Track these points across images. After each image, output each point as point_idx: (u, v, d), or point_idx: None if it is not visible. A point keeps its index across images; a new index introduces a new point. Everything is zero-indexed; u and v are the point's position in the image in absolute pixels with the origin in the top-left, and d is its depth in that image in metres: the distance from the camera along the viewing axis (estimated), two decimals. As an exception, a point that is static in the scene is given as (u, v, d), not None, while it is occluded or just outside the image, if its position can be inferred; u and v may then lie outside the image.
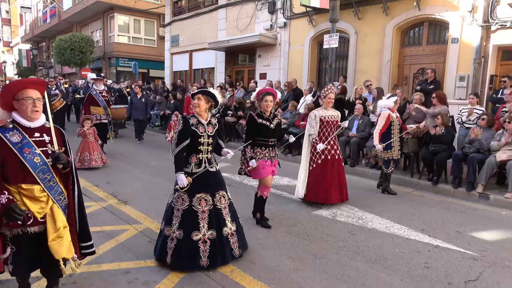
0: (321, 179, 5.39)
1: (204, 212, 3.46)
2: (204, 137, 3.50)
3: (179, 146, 3.44)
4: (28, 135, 2.49)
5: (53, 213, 2.55)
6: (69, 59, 20.67)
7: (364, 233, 4.55)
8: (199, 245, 3.42)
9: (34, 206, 2.48)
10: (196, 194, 3.47)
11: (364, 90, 9.35)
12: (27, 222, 2.47)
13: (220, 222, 3.53)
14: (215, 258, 3.45)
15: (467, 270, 3.65)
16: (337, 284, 3.32)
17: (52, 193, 2.54)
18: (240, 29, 13.99)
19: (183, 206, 3.45)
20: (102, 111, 8.84)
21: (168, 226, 3.50)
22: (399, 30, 10.01)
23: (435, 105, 7.37)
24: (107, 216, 4.87)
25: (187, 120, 3.49)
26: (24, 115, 2.50)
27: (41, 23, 30.66)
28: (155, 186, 6.43)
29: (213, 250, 3.45)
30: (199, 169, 3.51)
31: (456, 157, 6.32)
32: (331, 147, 5.47)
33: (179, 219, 3.44)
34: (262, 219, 4.69)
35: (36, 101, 2.51)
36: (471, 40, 8.49)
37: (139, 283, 3.24)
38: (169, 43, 18.11)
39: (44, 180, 2.50)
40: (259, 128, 4.41)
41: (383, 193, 6.34)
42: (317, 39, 11.88)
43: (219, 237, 3.50)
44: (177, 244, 3.41)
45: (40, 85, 2.62)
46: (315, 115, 5.43)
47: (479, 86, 8.43)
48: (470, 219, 5.16)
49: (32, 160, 2.45)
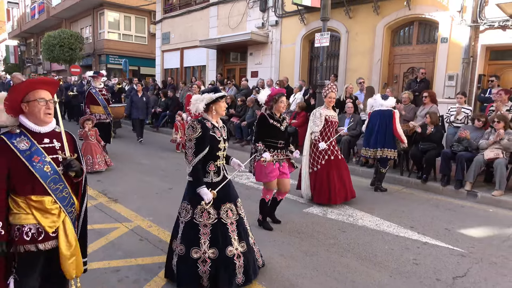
0: (326, 181, 5.34)
1: (232, 224, 3.12)
2: (221, 142, 3.15)
3: (199, 155, 2.99)
4: (36, 141, 2.24)
5: (65, 227, 2.30)
6: (58, 56, 20.40)
7: (354, 231, 4.59)
8: (235, 261, 3.04)
9: (45, 220, 2.22)
10: (221, 205, 3.09)
11: (356, 89, 9.41)
12: (38, 238, 2.20)
13: (245, 232, 3.23)
14: (249, 272, 3.13)
15: (455, 266, 3.71)
16: (328, 281, 3.35)
17: (64, 205, 2.30)
18: (232, 27, 13.96)
19: (211, 220, 3.03)
20: (102, 110, 8.39)
21: (196, 247, 3.00)
22: (389, 30, 10.09)
23: (425, 103, 7.46)
24: (97, 214, 4.83)
25: (205, 124, 3.06)
26: (34, 119, 2.25)
27: (29, 19, 30.20)
28: (147, 184, 6.39)
29: (246, 264, 3.12)
30: (218, 177, 3.14)
31: (445, 155, 6.40)
32: (333, 147, 5.45)
33: (208, 236, 3.01)
34: (264, 222, 4.59)
35: (49, 103, 2.27)
36: (460, 40, 8.60)
37: (129, 281, 3.23)
38: (160, 41, 18.00)
39: (56, 191, 2.26)
40: (269, 129, 4.30)
41: (376, 191, 6.38)
42: (308, 37, 11.91)
43: (249, 248, 3.20)
44: (213, 265, 2.98)
45: (53, 85, 2.35)
46: (320, 114, 5.35)
47: (468, 86, 8.55)
48: (458, 217, 5.24)
49: (42, 169, 2.21)
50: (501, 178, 5.81)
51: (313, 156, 5.46)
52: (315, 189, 5.44)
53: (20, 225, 2.18)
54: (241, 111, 10.72)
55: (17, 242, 2.17)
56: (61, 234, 2.27)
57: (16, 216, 2.18)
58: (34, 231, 2.19)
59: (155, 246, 3.95)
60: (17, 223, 2.18)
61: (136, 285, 3.16)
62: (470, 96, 8.43)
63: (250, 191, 6.07)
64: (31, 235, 2.18)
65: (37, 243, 2.20)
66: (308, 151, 5.51)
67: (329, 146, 5.38)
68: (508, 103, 6.57)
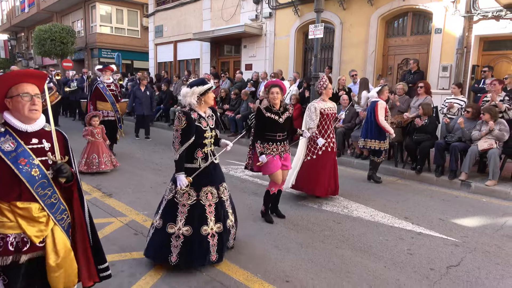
0: (319, 171, 5.23)
1: (211, 206, 3.35)
2: (208, 131, 3.34)
3: (185, 145, 3.21)
4: (24, 141, 2.03)
5: (54, 237, 2.11)
6: (49, 50, 20.13)
7: (349, 222, 4.60)
8: (209, 240, 3.29)
9: (32, 228, 2.03)
10: (202, 187, 3.33)
11: (349, 81, 9.40)
12: (22, 248, 2.02)
13: (224, 214, 3.46)
14: (222, 251, 3.39)
15: (449, 256, 3.74)
16: (323, 272, 3.37)
17: (52, 212, 2.11)
18: (225, 19, 13.85)
19: (190, 201, 3.28)
20: (109, 107, 7.71)
21: (171, 223, 3.25)
22: (383, 21, 10.06)
23: (419, 94, 7.46)
24: (92, 209, 4.69)
25: (190, 115, 3.23)
26: (19, 116, 2.03)
27: (19, 13, 29.75)
28: (141, 178, 6.36)
29: (221, 243, 3.37)
30: (206, 163, 3.35)
31: (438, 146, 6.43)
32: (330, 140, 5.37)
33: (185, 215, 3.26)
34: (266, 214, 4.56)
35: (35, 98, 2.04)
36: (454, 31, 8.60)
37: (124, 275, 3.21)
38: (153, 34, 17.83)
39: (44, 197, 2.06)
40: (266, 123, 4.25)
41: (369, 180, 6.42)
42: (302, 29, 11.85)
43: (225, 229, 3.43)
44: (185, 241, 3.24)
45: (39, 78, 2.12)
46: (315, 108, 5.21)
47: (462, 76, 8.57)
48: (452, 207, 5.28)
49: (29, 172, 2.00)
50: (494, 168, 5.86)
51: (309, 147, 5.35)
52: (310, 180, 5.26)
53: (4, 235, 2.00)
54: (236, 104, 10.68)
55: (0, 252, 1.99)
56: (49, 244, 2.09)
57: (0, 225, 1.99)
58: (19, 240, 2.02)
59: (150, 240, 3.93)
60: (1, 233, 1.99)
61: (132, 279, 3.15)
62: (464, 86, 8.45)
63: (244, 184, 6.07)
64: (15, 244, 2.01)
65: (21, 254, 2.02)
66: (304, 143, 5.43)
67: (326, 139, 5.29)
68: (501, 93, 6.60)
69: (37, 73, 2.14)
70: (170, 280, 3.14)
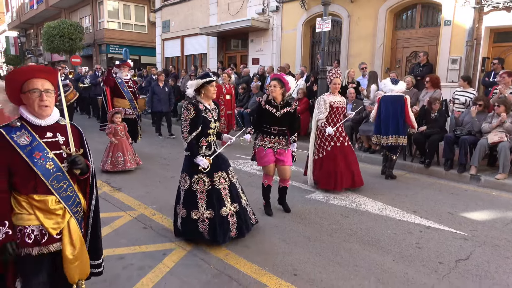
0: (332, 167, 5.29)
1: (225, 189, 3.69)
2: (212, 122, 3.64)
3: (193, 134, 3.52)
4: (38, 135, 2.06)
5: (70, 229, 2.15)
6: (58, 46, 20.32)
7: (357, 216, 4.60)
8: (229, 219, 3.64)
9: (49, 221, 2.07)
10: (214, 173, 3.63)
11: (358, 74, 9.32)
12: (41, 241, 2.06)
13: (237, 195, 3.80)
14: (241, 228, 3.71)
15: (458, 249, 3.72)
16: (331, 265, 3.37)
17: (69, 205, 2.14)
18: (232, 13, 13.80)
19: (206, 187, 3.60)
20: (127, 104, 7.38)
21: (194, 210, 3.58)
22: (392, 13, 9.94)
23: (427, 88, 7.38)
24: (101, 203, 4.76)
25: (198, 106, 3.53)
26: (33, 111, 2.06)
27: (28, 9, 29.96)
28: (149, 173, 6.41)
29: (239, 221, 3.71)
30: (209, 151, 3.66)
31: (448, 139, 6.36)
32: (339, 134, 5.38)
33: (205, 200, 3.59)
34: (265, 207, 4.65)
35: (44, 94, 2.04)
36: (463, 22, 8.46)
37: (134, 268, 3.26)
38: (160, 29, 17.85)
39: (60, 190, 2.09)
40: (263, 114, 4.31)
41: (387, 179, 6.27)
42: (309, 23, 11.77)
43: (241, 208, 3.77)
44: (210, 223, 3.57)
45: (49, 73, 2.12)
46: (324, 101, 5.25)
47: (472, 69, 8.45)
48: (461, 200, 5.24)
49: (43, 166, 2.03)
50: (505, 162, 5.78)
51: (318, 142, 5.41)
52: (320, 175, 5.41)
53: (22, 227, 2.04)
54: (243, 99, 10.66)
55: (19, 244, 2.01)
56: (66, 236, 2.13)
57: (18, 217, 2.03)
58: (37, 232, 2.05)
59: (159, 234, 3.97)
60: (19, 224, 2.03)
61: (141, 272, 3.19)
62: (474, 79, 8.33)
63: (251, 178, 6.08)
64: (33, 237, 2.04)
65: (40, 246, 2.06)
66: (314, 137, 5.45)
67: (335, 132, 5.31)
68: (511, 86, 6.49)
69: (46, 69, 2.14)
70: (179, 273, 3.17)
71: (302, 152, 7.70)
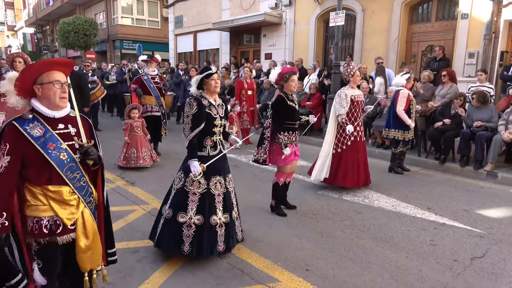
0: (351, 163, 5.14)
1: (220, 196, 3.34)
2: (217, 119, 3.32)
3: (195, 131, 3.18)
4: (51, 127, 2.09)
5: (84, 219, 2.20)
6: (73, 42, 20.62)
7: (370, 212, 4.56)
8: (217, 230, 3.27)
9: (63, 211, 2.11)
10: (211, 176, 3.29)
11: (372, 68, 9.20)
12: (56, 231, 2.10)
13: (231, 205, 3.44)
14: (229, 242, 3.36)
15: (473, 247, 3.66)
16: (343, 261, 3.36)
17: (82, 195, 2.19)
18: (245, 8, 13.76)
19: (200, 189, 3.24)
20: (153, 101, 7.09)
21: (182, 212, 3.21)
22: (407, 6, 9.76)
23: (444, 83, 7.25)
24: (116, 197, 4.92)
25: (201, 101, 3.22)
26: (48, 103, 2.08)
27: (44, 6, 30.46)
28: (162, 167, 6.47)
29: (227, 234, 3.34)
30: (215, 151, 3.32)
31: (464, 135, 6.25)
32: (359, 128, 5.27)
33: (196, 204, 3.22)
34: (277, 207, 4.43)
35: (65, 86, 2.11)
36: (481, 16, 8.26)
37: (148, 261, 3.30)
38: (173, 24, 17.92)
39: (73, 180, 2.13)
40: (288, 111, 4.12)
41: (390, 172, 6.31)
42: (323, 17, 11.65)
43: (231, 220, 3.41)
44: (197, 230, 3.19)
45: (68, 66, 2.18)
46: (345, 95, 5.07)
47: (489, 63, 8.25)
48: (477, 197, 5.15)
49: (58, 156, 2.06)
50: (523, 158, 5.66)
51: (338, 137, 5.23)
52: (338, 171, 5.18)
53: (38, 218, 2.08)
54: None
55: (36, 235, 2.08)
56: (79, 226, 2.18)
57: (34, 208, 2.07)
58: (52, 223, 2.10)
59: (172, 228, 4.00)
60: (34, 215, 2.08)
61: (154, 265, 3.23)
62: (492, 74, 8.14)
63: (264, 174, 6.08)
64: (49, 227, 2.09)
65: (55, 236, 2.10)
66: (332, 132, 5.27)
67: (355, 128, 5.19)
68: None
69: (66, 62, 2.19)
70: (191, 267, 3.20)
71: (313, 148, 7.67)
